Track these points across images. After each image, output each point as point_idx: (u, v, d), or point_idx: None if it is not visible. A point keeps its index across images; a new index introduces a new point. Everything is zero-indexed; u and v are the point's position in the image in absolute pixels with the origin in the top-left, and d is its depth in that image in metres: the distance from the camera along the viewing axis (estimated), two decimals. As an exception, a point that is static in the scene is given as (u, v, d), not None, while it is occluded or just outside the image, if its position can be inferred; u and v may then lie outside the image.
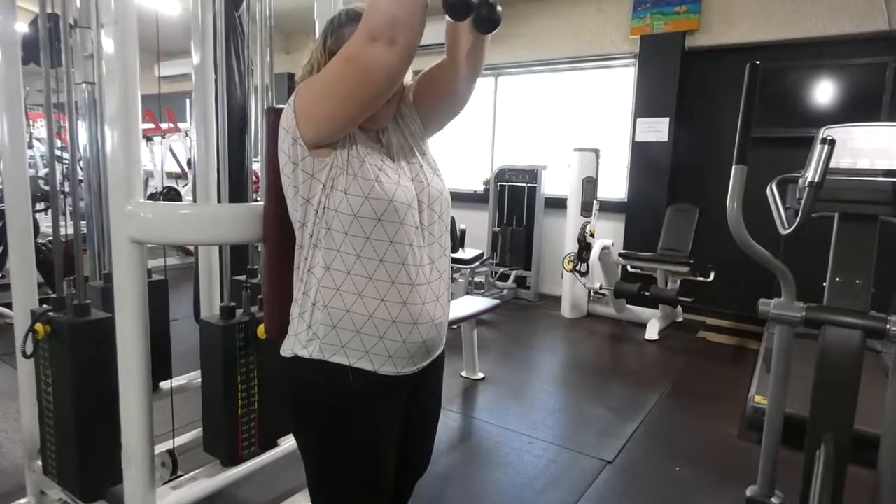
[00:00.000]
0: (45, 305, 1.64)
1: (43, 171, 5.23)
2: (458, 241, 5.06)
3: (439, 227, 1.11)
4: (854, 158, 1.60)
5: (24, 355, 1.58)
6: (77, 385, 1.53)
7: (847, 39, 4.20)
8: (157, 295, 1.90)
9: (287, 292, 1.11)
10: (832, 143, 1.45)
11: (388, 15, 0.88)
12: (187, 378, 2.12)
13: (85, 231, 1.99)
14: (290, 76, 6.96)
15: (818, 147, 1.47)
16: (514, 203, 5.66)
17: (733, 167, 1.49)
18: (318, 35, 1.68)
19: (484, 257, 5.24)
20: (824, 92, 4.34)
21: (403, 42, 0.89)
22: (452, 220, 4.13)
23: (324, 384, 1.05)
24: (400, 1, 0.88)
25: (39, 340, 1.57)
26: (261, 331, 1.61)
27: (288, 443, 1.81)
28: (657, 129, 4.94)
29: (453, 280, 4.96)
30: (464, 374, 3.47)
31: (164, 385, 2.01)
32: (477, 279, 5.44)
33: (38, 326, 1.54)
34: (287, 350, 1.08)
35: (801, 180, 1.58)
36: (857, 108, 4.15)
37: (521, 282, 5.62)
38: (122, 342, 1.34)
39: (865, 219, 1.59)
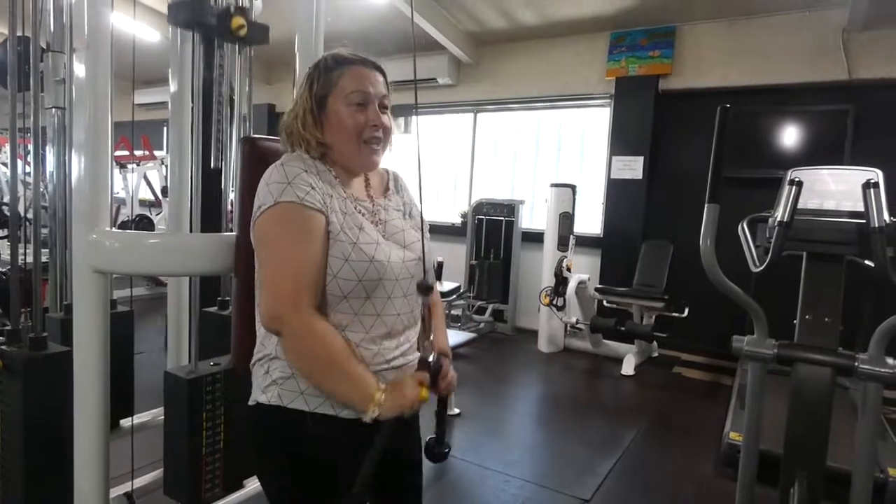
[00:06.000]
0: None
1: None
2: (434, 273, 5.03)
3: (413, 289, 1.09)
4: (821, 200, 1.65)
5: (-27, 391, 1.50)
6: (29, 423, 1.45)
7: (810, 87, 4.39)
8: (122, 327, 1.83)
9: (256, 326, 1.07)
10: (800, 184, 1.50)
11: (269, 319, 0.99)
12: (151, 415, 2.03)
13: (48, 260, 1.92)
14: (271, 107, 6.97)
15: (786, 188, 1.52)
16: (492, 236, 5.67)
17: (706, 205, 1.51)
18: (297, 67, 1.68)
19: (461, 290, 5.22)
20: (790, 136, 4.49)
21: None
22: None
23: (284, 431, 1.01)
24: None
25: (-10, 375, 1.49)
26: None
27: (254, 484, 1.73)
28: (632, 167, 5.04)
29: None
30: (439, 409, 3.40)
31: (125, 422, 1.92)
32: (454, 312, 5.40)
33: (-11, 360, 1.46)
34: (251, 398, 1.05)
35: (770, 220, 1.62)
36: (821, 151, 4.30)
37: (497, 315, 5.60)
38: (80, 377, 1.28)
39: (832, 258, 1.63)
